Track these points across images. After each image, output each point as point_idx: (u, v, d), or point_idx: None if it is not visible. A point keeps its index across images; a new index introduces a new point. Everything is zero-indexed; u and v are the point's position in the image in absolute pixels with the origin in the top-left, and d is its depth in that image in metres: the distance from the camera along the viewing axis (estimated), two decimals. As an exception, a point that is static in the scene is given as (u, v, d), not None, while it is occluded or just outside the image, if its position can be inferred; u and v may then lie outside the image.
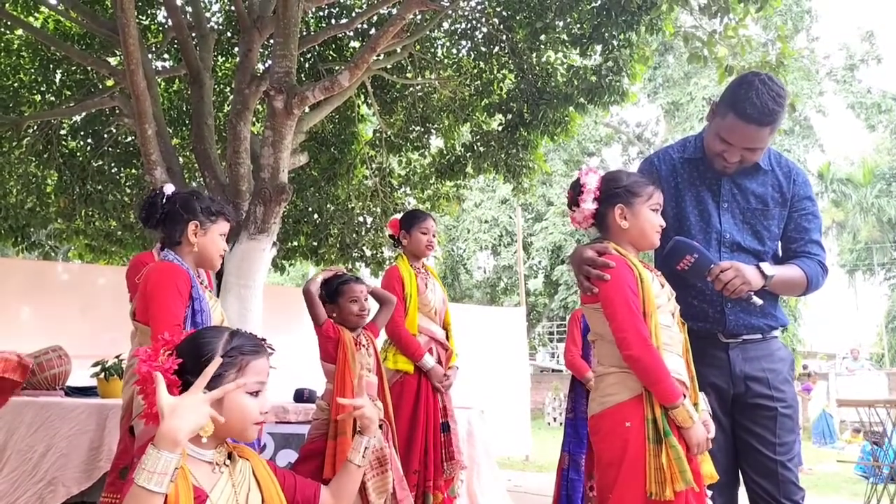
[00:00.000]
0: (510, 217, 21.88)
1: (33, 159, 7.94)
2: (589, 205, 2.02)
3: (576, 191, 2.05)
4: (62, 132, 8.10)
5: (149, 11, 7.84)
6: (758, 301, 2.03)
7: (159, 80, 7.37)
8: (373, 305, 3.22)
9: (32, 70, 7.78)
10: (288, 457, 3.77)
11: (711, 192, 2.21)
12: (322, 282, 3.06)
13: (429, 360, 3.38)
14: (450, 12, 7.04)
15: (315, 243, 8.77)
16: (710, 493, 1.96)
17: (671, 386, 1.85)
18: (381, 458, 2.72)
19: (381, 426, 1.91)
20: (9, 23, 7.25)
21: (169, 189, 2.39)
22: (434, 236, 3.58)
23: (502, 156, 7.85)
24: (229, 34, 7.93)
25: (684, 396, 1.87)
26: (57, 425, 3.68)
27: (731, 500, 2.20)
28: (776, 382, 2.14)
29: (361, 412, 1.80)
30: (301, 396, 4.44)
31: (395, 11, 5.91)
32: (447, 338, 3.60)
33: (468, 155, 8.26)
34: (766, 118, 2.02)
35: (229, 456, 1.56)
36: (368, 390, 2.89)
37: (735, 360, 2.14)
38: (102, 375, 4.16)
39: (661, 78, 21.83)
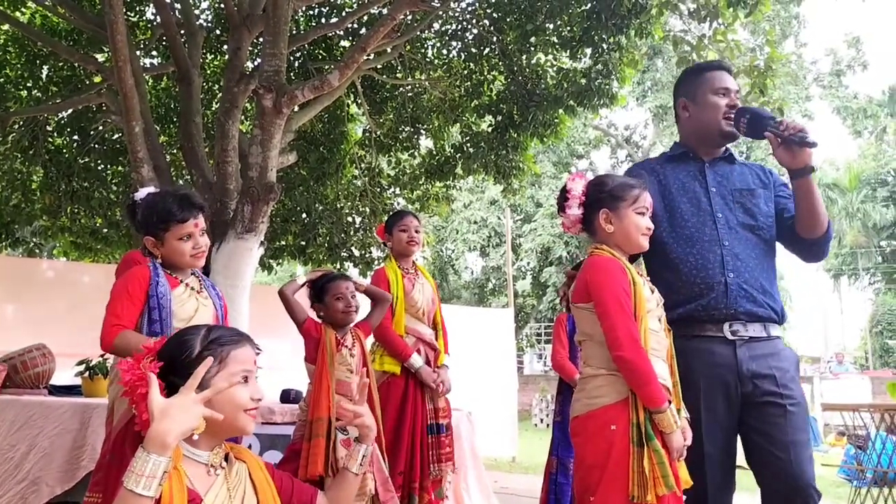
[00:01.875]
0: (499, 218, 21.91)
1: (19, 155, 7.88)
2: (575, 210, 2.07)
3: (562, 197, 2.10)
4: (48, 128, 8.04)
5: (137, 8, 7.79)
6: (812, 141, 2.06)
7: (147, 77, 7.32)
8: (367, 305, 3.21)
9: (19, 65, 7.71)
10: (273, 458, 3.74)
11: (698, 181, 2.30)
12: (309, 283, 3.04)
13: (416, 361, 3.36)
14: (440, 13, 7.03)
15: (303, 243, 8.74)
16: (684, 497, 1.95)
17: (658, 390, 1.86)
18: (362, 460, 2.68)
19: None
20: (-5, 17, 7.18)
21: (139, 195, 2.40)
22: (417, 232, 3.53)
23: (492, 157, 7.85)
24: (218, 32, 7.89)
25: (669, 402, 1.88)
26: (40, 424, 3.64)
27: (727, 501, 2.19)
28: (784, 380, 2.12)
29: (361, 420, 1.74)
30: (287, 397, 4.42)
31: (385, 11, 5.90)
32: (436, 337, 3.57)
33: (458, 156, 8.27)
34: (725, 65, 2.44)
35: (226, 458, 1.53)
36: (346, 390, 2.85)
37: (742, 359, 2.13)
38: (87, 374, 4.13)
39: (650, 81, 21.94)
